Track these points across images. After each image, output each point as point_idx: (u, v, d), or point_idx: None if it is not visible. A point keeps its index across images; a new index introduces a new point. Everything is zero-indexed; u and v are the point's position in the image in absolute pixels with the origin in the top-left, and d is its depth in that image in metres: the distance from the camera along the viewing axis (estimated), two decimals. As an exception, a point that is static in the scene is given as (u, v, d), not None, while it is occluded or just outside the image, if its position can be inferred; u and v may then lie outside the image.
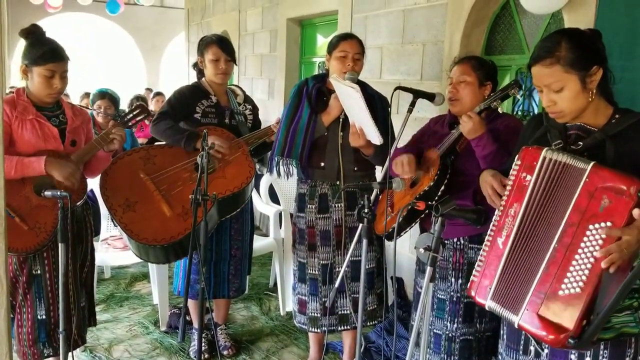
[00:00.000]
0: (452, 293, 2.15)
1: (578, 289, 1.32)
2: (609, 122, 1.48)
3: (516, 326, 1.45)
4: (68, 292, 2.27)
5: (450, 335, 2.14)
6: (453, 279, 2.14)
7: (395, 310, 2.58)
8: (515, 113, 3.00)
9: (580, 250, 1.34)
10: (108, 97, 3.93)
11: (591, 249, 1.32)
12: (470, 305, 2.12)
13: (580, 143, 1.48)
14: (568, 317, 1.33)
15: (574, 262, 1.34)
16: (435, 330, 2.17)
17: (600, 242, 1.31)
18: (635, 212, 1.26)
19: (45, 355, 2.35)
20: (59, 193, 2.02)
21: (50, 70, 2.21)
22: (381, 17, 3.72)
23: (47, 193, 2.04)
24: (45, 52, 2.21)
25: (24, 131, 2.23)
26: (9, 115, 2.21)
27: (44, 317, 2.32)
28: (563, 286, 1.35)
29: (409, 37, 3.46)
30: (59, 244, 2.05)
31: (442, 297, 2.17)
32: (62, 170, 2.21)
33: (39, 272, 2.30)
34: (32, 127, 2.24)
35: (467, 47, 3.02)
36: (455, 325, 2.14)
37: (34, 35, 2.23)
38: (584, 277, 1.32)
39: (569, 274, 1.34)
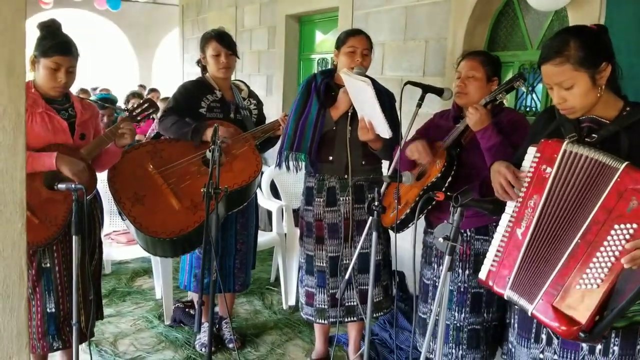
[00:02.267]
0: (459, 284, 2.18)
1: (595, 286, 1.35)
2: (621, 114, 1.51)
3: (529, 314, 1.48)
4: (79, 284, 2.27)
5: (458, 325, 2.18)
6: (460, 270, 2.18)
7: (415, 306, 2.61)
8: (518, 108, 3.04)
9: (602, 249, 1.36)
10: (110, 102, 3.94)
11: (614, 248, 1.34)
12: (478, 296, 2.16)
13: (594, 135, 1.51)
14: (582, 312, 1.35)
15: (594, 260, 1.36)
16: None
17: (623, 242, 1.33)
18: None
19: (55, 348, 2.35)
20: (73, 186, 2.01)
21: (56, 63, 2.21)
22: (383, 13, 3.74)
23: (61, 186, 2.03)
24: (53, 45, 2.21)
25: (34, 124, 2.23)
26: (19, 109, 2.20)
27: (53, 310, 2.32)
28: (581, 281, 1.38)
29: (412, 33, 3.49)
30: (73, 237, 2.05)
31: (450, 287, 2.20)
32: (72, 167, 2.20)
33: (48, 265, 2.30)
34: (42, 120, 2.24)
35: (470, 43, 3.06)
36: (463, 315, 2.18)
37: (49, 29, 2.24)
38: (602, 275, 1.34)
39: (588, 270, 1.37)
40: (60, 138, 2.27)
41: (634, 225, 1.32)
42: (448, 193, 1.53)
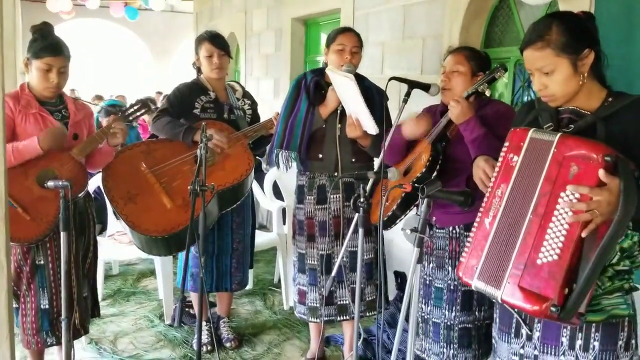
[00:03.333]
0: (449, 282, 2.15)
1: (555, 256, 1.33)
2: (602, 105, 1.48)
3: (499, 301, 1.44)
4: (69, 280, 2.31)
5: (448, 323, 2.15)
6: (450, 268, 2.15)
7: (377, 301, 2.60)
8: (515, 104, 3.00)
9: (554, 218, 1.35)
10: (118, 108, 4.03)
11: (565, 215, 1.33)
12: (469, 294, 2.12)
13: (572, 126, 1.48)
14: (549, 285, 1.33)
15: (549, 230, 1.35)
16: (434, 319, 2.18)
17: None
18: (600, 172, 1.28)
19: (49, 343, 2.40)
20: (60, 183, 2.07)
21: (48, 64, 2.27)
22: (382, 13, 3.74)
23: (50, 184, 2.09)
24: (44, 46, 2.27)
25: (27, 125, 2.29)
26: (12, 110, 2.26)
27: (47, 306, 2.36)
28: (541, 255, 1.36)
29: (409, 32, 3.48)
30: (61, 233, 2.09)
31: (440, 285, 2.17)
32: (55, 138, 2.24)
33: (42, 262, 2.35)
34: (35, 121, 2.30)
35: (466, 40, 3.03)
36: (453, 314, 2.14)
37: (40, 31, 2.30)
38: (559, 244, 1.33)
39: (545, 242, 1.35)
40: (53, 138, 2.33)
41: (579, 189, 1.32)
42: (416, 184, 1.51)
